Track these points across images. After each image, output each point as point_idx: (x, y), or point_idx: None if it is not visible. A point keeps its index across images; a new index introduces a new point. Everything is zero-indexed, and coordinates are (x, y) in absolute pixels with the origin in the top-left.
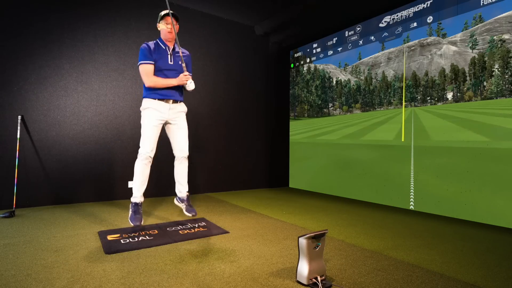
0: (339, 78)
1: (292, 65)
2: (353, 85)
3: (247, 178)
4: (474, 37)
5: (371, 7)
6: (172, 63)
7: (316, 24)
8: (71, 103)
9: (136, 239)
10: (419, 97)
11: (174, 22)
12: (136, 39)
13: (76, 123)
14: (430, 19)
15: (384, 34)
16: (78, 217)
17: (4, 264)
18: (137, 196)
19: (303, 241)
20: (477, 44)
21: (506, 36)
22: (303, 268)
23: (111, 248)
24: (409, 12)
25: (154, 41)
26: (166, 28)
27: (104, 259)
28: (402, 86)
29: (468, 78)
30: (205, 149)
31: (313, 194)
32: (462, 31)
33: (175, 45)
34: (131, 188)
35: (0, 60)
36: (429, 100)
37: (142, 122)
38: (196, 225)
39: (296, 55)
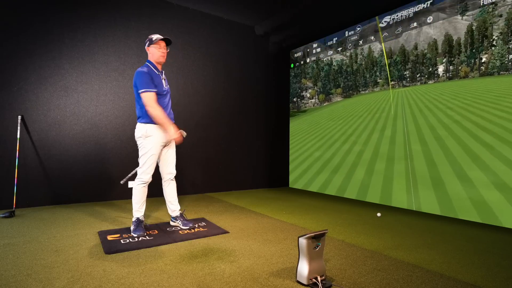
0: (320, 57)
1: (292, 65)
2: (334, 65)
3: (247, 178)
4: (464, 1)
5: (371, 7)
6: (166, 87)
7: (316, 24)
8: (71, 103)
9: (136, 239)
10: (407, 74)
11: (166, 48)
12: (136, 39)
13: (76, 123)
14: (430, 19)
15: (384, 34)
16: (78, 217)
17: (4, 264)
18: (139, 214)
19: (303, 241)
20: (467, 10)
21: None
22: (303, 268)
23: (111, 248)
24: (409, 12)
25: (147, 66)
26: (160, 52)
27: (104, 259)
28: (389, 63)
29: (463, 48)
30: (205, 149)
31: (313, 194)
32: None
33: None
34: (131, 188)
35: (0, 60)
36: (418, 78)
37: (145, 150)
38: (196, 225)
39: (296, 55)
